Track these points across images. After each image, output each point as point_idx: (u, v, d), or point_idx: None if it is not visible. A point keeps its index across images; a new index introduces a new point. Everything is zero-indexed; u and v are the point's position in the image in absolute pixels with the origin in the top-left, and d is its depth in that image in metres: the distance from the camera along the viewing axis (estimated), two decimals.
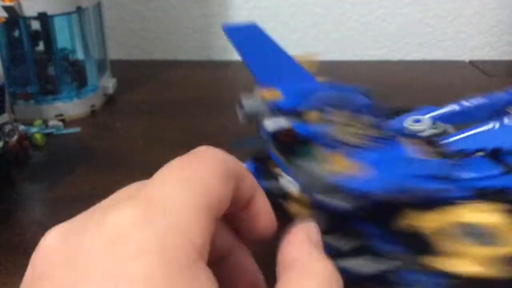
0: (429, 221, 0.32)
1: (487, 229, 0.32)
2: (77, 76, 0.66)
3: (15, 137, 0.50)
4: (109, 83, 0.70)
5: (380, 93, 0.61)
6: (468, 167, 0.37)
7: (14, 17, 0.58)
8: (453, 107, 0.46)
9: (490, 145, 0.38)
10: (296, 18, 0.90)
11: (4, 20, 0.58)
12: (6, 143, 0.49)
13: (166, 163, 0.48)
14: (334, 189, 0.32)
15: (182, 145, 0.47)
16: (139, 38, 0.91)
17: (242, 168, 0.23)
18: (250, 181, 0.23)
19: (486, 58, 0.93)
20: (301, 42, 0.92)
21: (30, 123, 0.60)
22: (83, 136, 0.61)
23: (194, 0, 0.90)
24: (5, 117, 0.49)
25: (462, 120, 0.43)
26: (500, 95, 0.47)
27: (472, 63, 0.88)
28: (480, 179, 0.36)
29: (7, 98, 0.50)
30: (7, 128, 0.49)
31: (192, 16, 0.91)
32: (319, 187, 0.32)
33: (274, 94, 0.45)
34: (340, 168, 0.33)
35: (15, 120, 0.53)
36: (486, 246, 0.30)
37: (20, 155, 0.53)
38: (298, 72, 0.50)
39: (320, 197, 0.32)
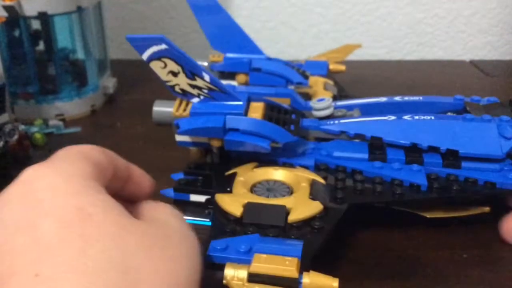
0: (244, 172, 0.41)
1: (284, 185, 0.40)
2: (77, 75, 0.66)
3: (16, 137, 0.50)
4: (109, 83, 0.70)
5: (381, 92, 0.61)
6: (335, 146, 0.44)
7: (14, 16, 0.58)
8: (381, 99, 0.51)
9: (373, 133, 0.43)
10: (297, 18, 0.90)
11: (4, 19, 0.58)
12: (6, 142, 0.49)
13: (166, 162, 0.49)
14: (176, 126, 0.42)
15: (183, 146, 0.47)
16: None
17: (114, 154, 0.32)
18: (122, 161, 0.32)
19: (487, 57, 0.93)
20: (302, 42, 0.92)
21: (30, 123, 0.60)
22: (84, 135, 0.61)
23: None
24: (5, 117, 0.49)
25: (392, 112, 0.45)
26: (441, 98, 0.49)
27: (472, 62, 0.88)
28: (342, 158, 0.43)
29: (7, 98, 0.50)
30: (8, 128, 0.49)
31: (192, 16, 0.90)
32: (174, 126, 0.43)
33: (219, 58, 0.62)
34: (179, 112, 0.42)
35: (16, 120, 0.53)
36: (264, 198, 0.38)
37: (20, 154, 0.53)
38: (244, 42, 0.61)
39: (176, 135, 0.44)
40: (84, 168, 0.27)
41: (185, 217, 0.39)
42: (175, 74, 0.41)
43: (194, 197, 0.43)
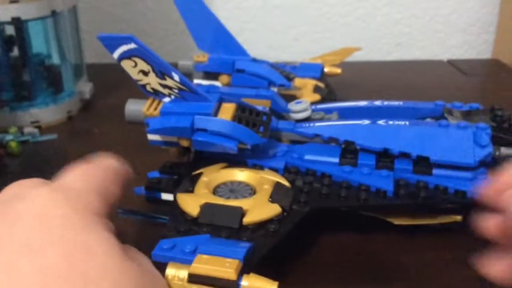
0: (210, 173, 0.41)
1: (247, 187, 0.40)
2: (52, 81, 0.65)
3: None
4: (86, 88, 0.68)
5: (360, 93, 0.61)
6: (307, 149, 0.43)
7: None
8: (361, 103, 0.50)
9: (346, 137, 0.43)
10: (276, 20, 0.90)
11: None
12: None
13: (145, 167, 0.48)
14: (147, 125, 0.42)
15: (162, 150, 0.47)
16: None
17: (124, 172, 0.32)
18: (126, 176, 0.33)
19: (464, 56, 0.94)
20: (281, 43, 0.92)
21: (5, 131, 0.59)
22: (60, 143, 0.59)
23: (172, 2, 0.89)
24: None
25: (372, 116, 0.45)
26: (422, 104, 0.49)
27: (450, 62, 0.89)
28: (313, 161, 0.43)
29: None
30: None
31: (170, 19, 0.90)
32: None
33: (203, 58, 0.62)
34: (150, 111, 0.43)
35: None
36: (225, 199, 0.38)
37: None
38: (230, 43, 0.61)
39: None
40: (96, 203, 0.28)
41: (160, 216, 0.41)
42: (145, 73, 0.41)
43: (165, 196, 0.43)
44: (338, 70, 0.65)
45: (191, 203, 0.37)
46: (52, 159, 0.56)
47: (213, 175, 0.41)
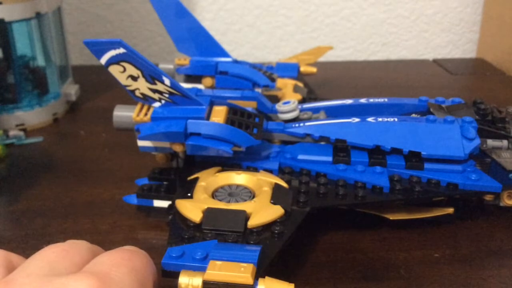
0: (206, 177, 0.40)
1: (246, 189, 0.40)
2: (38, 83, 0.65)
3: None
4: (71, 90, 0.68)
5: (347, 92, 0.62)
6: (299, 149, 0.43)
7: None
8: (347, 101, 0.51)
9: (337, 136, 0.43)
10: (262, 20, 0.90)
11: None
12: None
13: (132, 169, 0.48)
14: (137, 131, 0.42)
15: (150, 153, 0.46)
16: None
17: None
18: None
19: (449, 56, 0.95)
20: (267, 44, 0.91)
21: None
22: (46, 145, 0.59)
23: None
24: None
25: (358, 114, 0.45)
26: (406, 100, 0.50)
27: (436, 61, 0.89)
28: (306, 161, 0.42)
29: None
30: None
31: (156, 20, 0.89)
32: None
33: (185, 61, 0.61)
34: (140, 116, 0.42)
35: None
36: (224, 203, 0.37)
37: None
38: (211, 45, 0.60)
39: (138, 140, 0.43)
40: None
41: None
42: (134, 78, 0.40)
43: (158, 203, 0.43)
44: (314, 69, 0.65)
45: (192, 209, 0.36)
46: (38, 162, 0.55)
47: (211, 179, 0.40)
